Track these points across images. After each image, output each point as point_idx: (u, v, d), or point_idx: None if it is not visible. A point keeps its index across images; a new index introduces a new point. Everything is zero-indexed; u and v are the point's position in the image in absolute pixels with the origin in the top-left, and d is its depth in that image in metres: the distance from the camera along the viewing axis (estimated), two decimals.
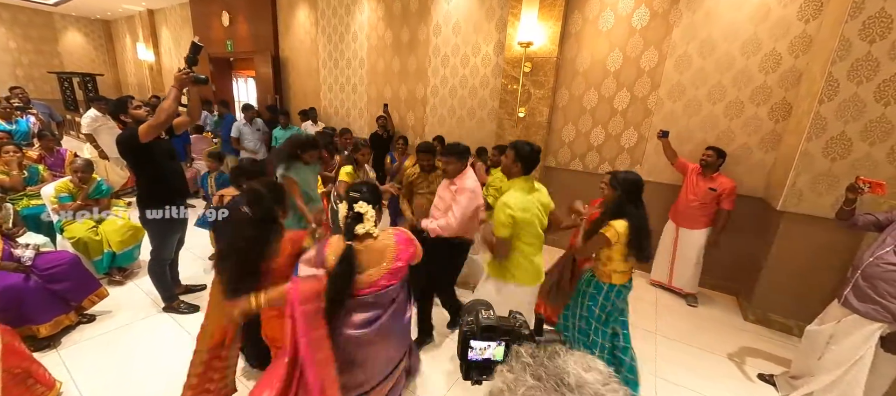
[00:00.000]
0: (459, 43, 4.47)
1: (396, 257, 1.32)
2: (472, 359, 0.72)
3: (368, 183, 1.43)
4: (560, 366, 0.44)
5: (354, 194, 1.34)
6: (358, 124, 5.79)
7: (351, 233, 1.30)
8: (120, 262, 3.05)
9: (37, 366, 1.88)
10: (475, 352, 0.72)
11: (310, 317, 1.19)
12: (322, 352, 1.19)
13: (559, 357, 0.45)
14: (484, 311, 0.77)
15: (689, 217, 3.09)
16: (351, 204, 1.33)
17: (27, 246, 2.40)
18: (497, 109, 4.22)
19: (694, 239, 3.11)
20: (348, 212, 1.33)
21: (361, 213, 1.31)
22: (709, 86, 3.17)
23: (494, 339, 0.72)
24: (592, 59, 3.65)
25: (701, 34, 3.13)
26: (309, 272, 1.26)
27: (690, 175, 3.09)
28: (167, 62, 9.42)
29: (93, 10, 9.75)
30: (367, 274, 1.28)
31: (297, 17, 6.16)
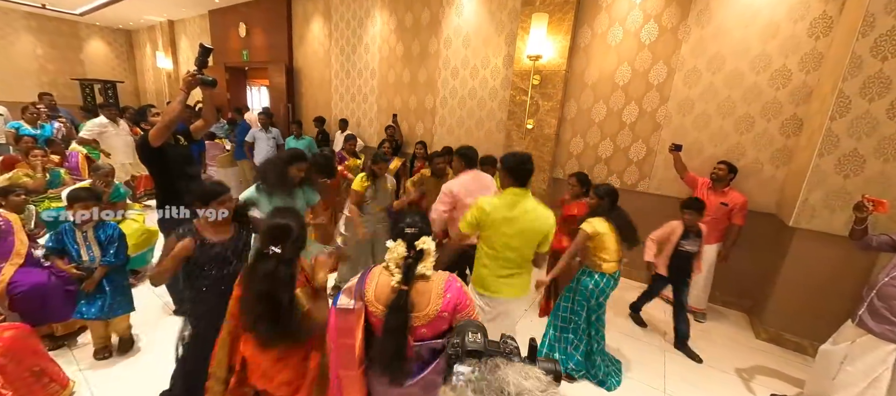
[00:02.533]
0: (469, 55, 4.54)
1: (443, 306, 1.15)
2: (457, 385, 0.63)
3: (417, 212, 1.27)
4: (500, 378, 0.46)
5: (412, 230, 1.16)
6: (368, 133, 5.88)
7: (409, 276, 1.12)
8: (133, 265, 3.11)
9: (53, 365, 1.93)
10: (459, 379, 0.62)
11: (344, 354, 1.12)
12: (353, 391, 1.13)
13: (499, 370, 0.48)
14: (471, 334, 0.71)
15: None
16: (410, 241, 1.15)
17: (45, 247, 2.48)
18: (505, 121, 4.26)
19: (705, 254, 3.02)
20: (409, 252, 1.14)
21: (424, 250, 1.15)
22: (718, 100, 3.17)
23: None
24: (601, 73, 3.68)
25: (710, 50, 3.15)
26: (347, 304, 1.15)
27: (700, 189, 3.07)
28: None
29: (116, 20, 10.13)
30: (413, 316, 1.13)
31: (311, 29, 6.34)
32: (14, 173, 3.26)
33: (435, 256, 1.18)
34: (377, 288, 1.17)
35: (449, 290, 1.16)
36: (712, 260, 3.06)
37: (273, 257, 1.25)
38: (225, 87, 8.12)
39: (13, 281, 2.21)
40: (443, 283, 1.17)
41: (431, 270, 1.17)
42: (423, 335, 1.15)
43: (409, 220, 1.20)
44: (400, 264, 1.15)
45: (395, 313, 1.09)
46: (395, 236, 1.19)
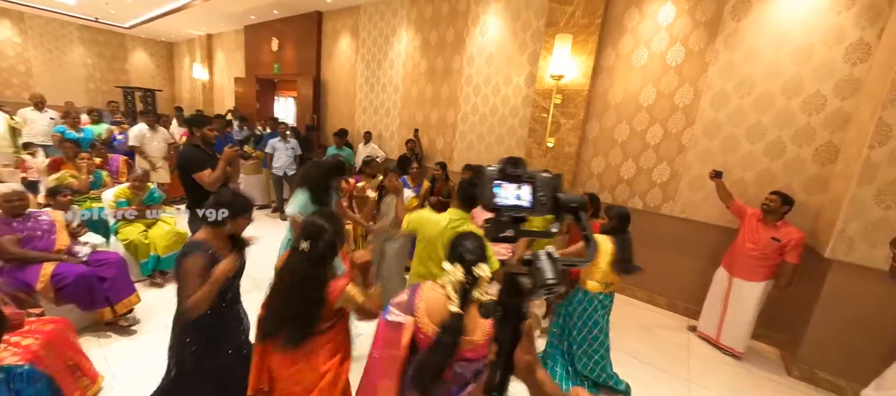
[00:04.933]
0: (491, 73, 4.61)
1: (489, 331, 1.16)
2: (501, 205, 0.57)
3: (472, 234, 1.26)
4: None
5: (471, 256, 1.17)
6: (389, 146, 6.00)
7: (466, 300, 1.13)
8: (163, 266, 3.25)
9: (85, 360, 2.02)
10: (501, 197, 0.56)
11: (387, 365, 1.13)
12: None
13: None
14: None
15: (746, 267, 2.84)
16: (468, 266, 1.16)
17: (85, 244, 2.63)
18: (526, 138, 4.27)
19: (750, 291, 2.83)
20: (466, 277, 1.14)
21: (480, 277, 1.15)
22: (747, 124, 3.10)
23: (520, 181, 0.59)
24: (625, 94, 3.66)
25: (739, 73, 3.10)
26: (397, 317, 1.17)
27: (749, 220, 2.85)
28: (219, 80, 10.22)
29: (160, 33, 10.84)
30: (462, 340, 1.13)
31: (339, 44, 6.59)
32: (61, 174, 3.49)
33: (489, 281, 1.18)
34: (429, 306, 1.17)
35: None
36: (758, 299, 2.82)
37: (301, 254, 1.29)
38: (255, 97, 8.50)
39: (58, 274, 2.33)
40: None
41: (486, 296, 1.17)
42: (467, 359, 1.16)
43: (469, 245, 1.21)
44: (456, 288, 1.15)
45: (449, 333, 1.09)
46: (452, 259, 1.21)
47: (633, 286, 3.78)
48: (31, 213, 2.43)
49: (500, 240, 0.58)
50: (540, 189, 0.59)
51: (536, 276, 0.55)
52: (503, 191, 0.58)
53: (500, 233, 0.58)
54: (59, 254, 2.44)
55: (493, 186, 0.57)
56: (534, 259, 0.56)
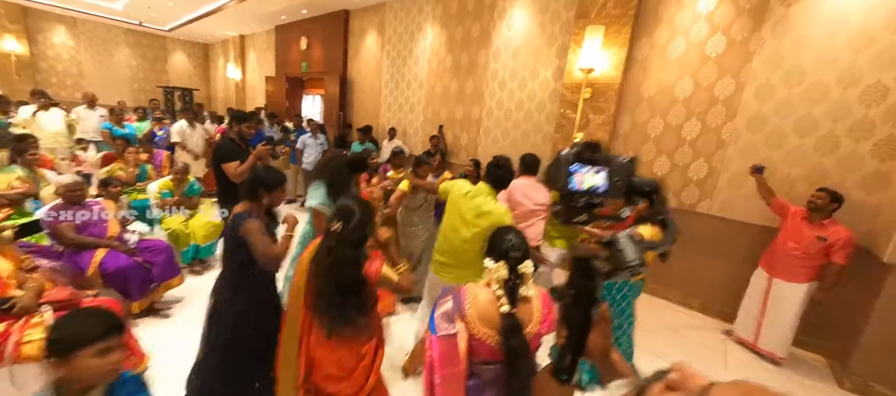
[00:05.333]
0: (518, 67, 4.54)
1: (542, 318, 1.14)
2: (574, 190, 0.57)
3: (515, 229, 1.22)
4: None
5: (517, 254, 1.13)
6: (412, 142, 6.04)
7: (515, 298, 1.10)
8: (202, 254, 3.43)
9: (133, 341, 2.16)
10: (576, 179, 0.56)
11: (453, 382, 1.07)
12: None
13: None
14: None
15: (788, 267, 2.69)
16: (513, 265, 1.12)
17: (133, 232, 2.81)
18: (552, 134, 4.19)
19: (791, 293, 2.67)
20: (510, 275, 1.12)
21: (525, 274, 1.13)
22: (796, 117, 2.90)
23: (596, 165, 0.58)
24: (659, 86, 3.51)
25: (788, 62, 2.90)
26: (448, 330, 1.12)
27: (792, 218, 2.69)
28: (251, 79, 10.63)
29: (197, 35, 11.39)
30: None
31: (365, 42, 6.69)
32: (111, 167, 3.74)
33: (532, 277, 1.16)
34: (480, 309, 1.12)
35: (545, 306, 1.15)
36: (800, 301, 2.66)
37: (333, 233, 1.33)
38: (284, 96, 8.78)
39: (102, 262, 2.50)
40: (541, 298, 1.17)
41: (532, 290, 1.16)
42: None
43: (513, 242, 1.15)
44: (501, 285, 1.12)
45: (513, 337, 1.06)
46: (497, 256, 1.16)
47: (665, 286, 3.63)
48: (87, 202, 2.61)
49: (573, 224, 0.59)
50: (616, 173, 0.58)
51: (618, 258, 0.55)
52: (578, 176, 0.58)
53: (573, 218, 0.58)
54: (110, 241, 2.61)
55: (568, 170, 0.57)
56: (613, 241, 0.56)
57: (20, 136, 3.38)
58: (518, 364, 1.06)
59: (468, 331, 1.11)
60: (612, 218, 0.49)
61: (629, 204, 0.51)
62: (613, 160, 0.58)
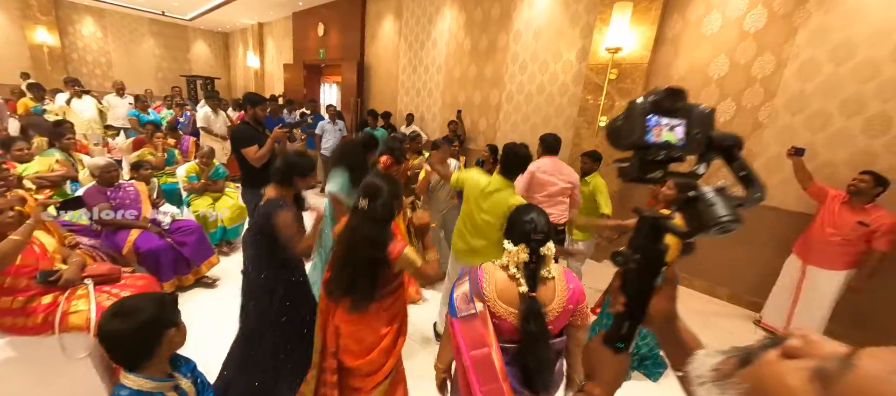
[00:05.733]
0: (539, 49, 4.41)
1: (568, 297, 1.10)
2: (651, 143, 0.51)
3: (537, 209, 1.18)
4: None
5: (538, 236, 1.08)
6: (431, 127, 6.00)
7: (535, 281, 1.07)
8: (229, 236, 3.52)
9: None
10: (653, 130, 0.50)
11: (482, 366, 1.03)
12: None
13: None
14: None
15: (825, 254, 2.57)
16: (535, 247, 1.08)
17: (166, 214, 2.90)
18: (575, 118, 4.07)
19: (827, 281, 2.56)
20: (531, 258, 1.08)
21: (546, 256, 1.09)
22: (843, 96, 2.71)
23: (675, 115, 0.51)
24: (691, 65, 3.34)
25: (835, 37, 2.70)
26: (468, 311, 1.09)
27: (831, 203, 2.56)
28: (269, 67, 10.74)
29: (216, 23, 11.55)
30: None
31: (382, 26, 6.63)
32: (141, 151, 3.86)
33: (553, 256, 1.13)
34: (499, 288, 1.10)
35: (570, 281, 1.13)
36: (837, 290, 2.55)
37: (360, 212, 1.32)
38: (302, 83, 8.85)
39: (136, 242, 2.60)
40: (563, 274, 1.14)
41: (554, 271, 1.13)
42: (549, 332, 1.10)
43: (535, 223, 1.10)
44: (520, 267, 1.09)
45: (533, 319, 1.03)
46: (517, 238, 1.12)
47: (692, 276, 3.53)
48: (121, 184, 2.71)
49: (644, 182, 0.53)
50: (695, 125, 0.53)
51: (706, 214, 0.49)
52: (656, 128, 0.51)
53: (647, 174, 0.53)
54: (144, 222, 2.70)
55: (645, 121, 0.50)
56: (698, 196, 0.50)
57: (57, 122, 3.53)
58: (535, 347, 1.04)
59: (489, 310, 1.08)
60: (688, 175, 0.44)
61: (703, 160, 0.46)
62: (694, 109, 0.52)
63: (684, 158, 0.53)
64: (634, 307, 0.58)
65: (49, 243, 1.79)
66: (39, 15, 9.23)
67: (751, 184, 0.53)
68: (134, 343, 0.93)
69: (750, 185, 0.53)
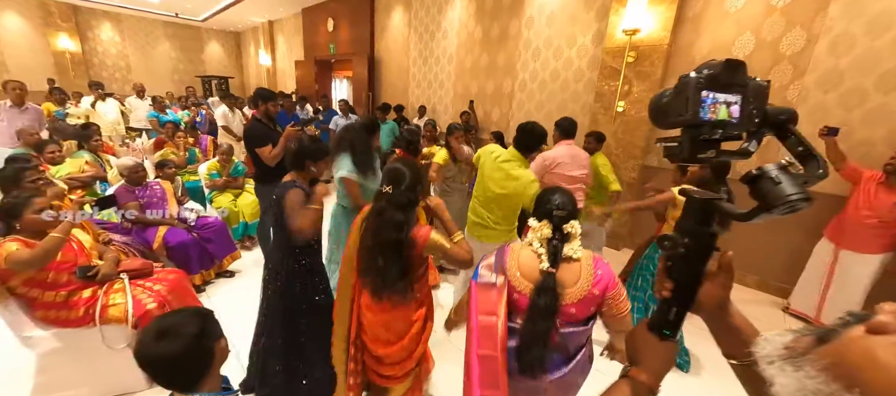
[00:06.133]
0: (553, 35, 4.31)
1: (594, 282, 1.10)
2: (705, 120, 0.47)
3: (562, 189, 1.20)
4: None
5: (560, 212, 1.11)
6: (443, 119, 5.97)
7: (556, 258, 1.08)
8: (250, 231, 3.60)
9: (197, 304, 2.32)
10: (708, 107, 0.47)
11: (486, 332, 1.07)
12: (490, 376, 1.06)
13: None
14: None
15: (860, 237, 2.48)
16: (558, 224, 1.11)
17: (191, 210, 2.98)
18: (592, 104, 3.98)
19: (862, 265, 2.48)
20: (554, 234, 1.11)
21: (570, 233, 1.11)
22: (880, 71, 2.56)
23: (732, 90, 0.48)
24: (714, 45, 3.22)
25: (871, 8, 2.55)
26: (489, 278, 1.13)
27: (866, 184, 2.47)
28: (281, 65, 10.85)
29: (228, 23, 11.71)
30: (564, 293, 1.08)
31: (392, 18, 6.59)
32: (164, 151, 3.96)
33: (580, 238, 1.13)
34: (521, 263, 1.13)
35: (599, 267, 1.12)
36: (872, 274, 2.46)
37: (384, 195, 1.33)
38: (313, 79, 8.91)
39: (165, 237, 2.69)
40: (592, 260, 1.13)
41: (580, 252, 1.12)
42: (572, 316, 1.09)
43: (558, 201, 1.13)
44: (544, 244, 1.11)
45: (544, 294, 1.05)
46: (540, 216, 1.15)
47: None
48: (148, 183, 2.80)
49: (697, 162, 0.50)
50: (752, 100, 0.49)
51: (773, 193, 0.46)
52: (712, 105, 0.48)
53: (698, 154, 0.50)
54: (171, 220, 2.79)
55: (700, 98, 0.47)
56: (762, 174, 0.48)
57: (85, 125, 3.65)
58: (536, 320, 1.05)
59: (509, 285, 1.12)
60: (738, 154, 0.42)
61: (754, 137, 0.43)
62: (750, 83, 0.48)
63: (741, 136, 0.50)
64: (683, 294, 0.56)
65: (86, 240, 1.87)
66: (60, 22, 9.52)
67: (810, 160, 0.49)
68: (189, 362, 0.89)
69: (809, 161, 0.49)
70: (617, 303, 1.11)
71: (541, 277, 1.08)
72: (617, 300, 1.11)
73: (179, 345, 0.87)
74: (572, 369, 1.13)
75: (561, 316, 1.08)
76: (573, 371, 1.13)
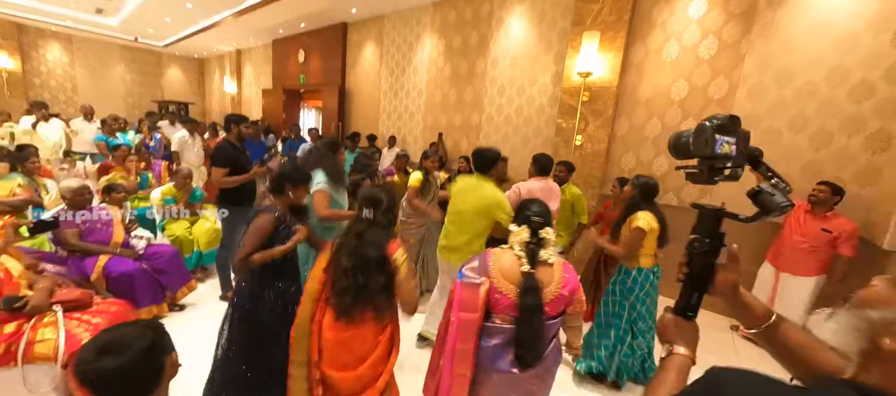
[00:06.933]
0: (516, 75, 4.65)
1: (564, 283, 1.26)
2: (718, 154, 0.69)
3: (538, 200, 1.37)
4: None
5: (537, 219, 1.28)
6: (412, 149, 6.08)
7: (535, 260, 1.24)
8: (205, 261, 3.38)
9: None
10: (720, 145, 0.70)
11: (466, 327, 1.19)
12: (462, 366, 1.20)
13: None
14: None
15: (795, 261, 2.75)
16: (535, 229, 1.27)
17: (140, 238, 2.77)
18: (552, 137, 4.26)
19: (800, 286, 2.73)
20: (531, 238, 1.26)
21: (545, 239, 1.26)
22: (789, 115, 3.01)
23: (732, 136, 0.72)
24: (655, 89, 3.62)
25: (777, 63, 3.02)
26: (473, 279, 1.26)
27: (795, 212, 2.77)
28: (247, 93, 10.66)
29: (193, 50, 11.44)
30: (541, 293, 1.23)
31: (363, 53, 6.80)
32: (111, 175, 3.70)
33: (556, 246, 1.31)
34: (502, 267, 1.25)
35: (567, 271, 1.28)
36: (809, 295, 2.71)
37: (365, 220, 1.40)
38: (282, 108, 8.82)
39: (107, 267, 2.47)
40: (562, 265, 1.29)
41: (554, 257, 1.27)
42: (546, 313, 1.23)
43: (535, 209, 1.30)
44: (523, 247, 1.25)
45: (530, 294, 1.18)
46: (519, 221, 1.30)
47: (669, 285, 3.66)
48: (93, 207, 2.59)
49: (713, 183, 0.73)
50: (741, 142, 0.73)
51: (770, 202, 0.70)
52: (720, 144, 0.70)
53: (715, 178, 0.73)
54: (115, 247, 2.57)
55: (715, 138, 0.70)
56: (761, 190, 0.72)
57: (20, 146, 3.35)
58: (531, 319, 1.17)
59: (491, 285, 1.24)
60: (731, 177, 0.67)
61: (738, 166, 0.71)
62: (740, 131, 0.72)
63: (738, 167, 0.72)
64: (702, 282, 0.74)
65: (14, 268, 1.68)
66: (0, 40, 8.87)
67: (771, 179, 0.73)
68: (138, 379, 0.83)
69: (770, 180, 0.72)
70: (580, 303, 1.29)
71: (523, 278, 1.21)
72: (580, 299, 1.29)
73: (124, 360, 0.80)
74: (549, 358, 1.27)
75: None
76: (550, 359, 1.27)
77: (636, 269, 2.24)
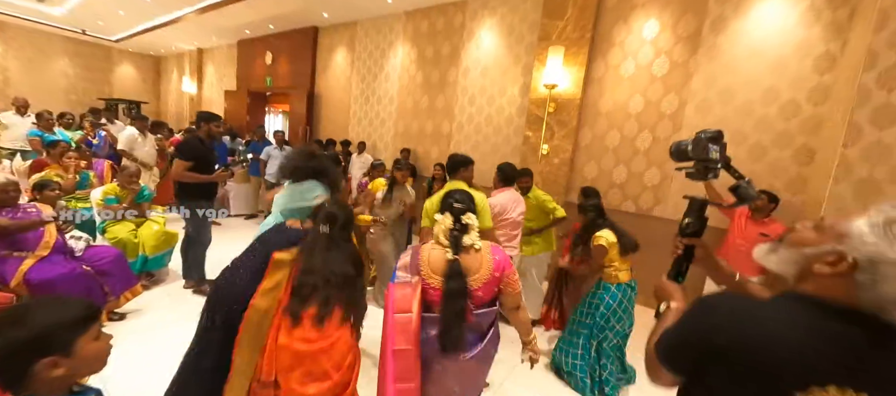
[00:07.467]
0: (487, 84, 4.78)
1: (494, 267, 1.29)
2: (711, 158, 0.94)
3: (462, 190, 1.42)
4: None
5: (459, 205, 1.32)
6: (383, 155, 6.03)
7: (458, 246, 1.27)
8: (151, 266, 3.12)
9: None
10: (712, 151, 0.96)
11: (402, 327, 1.18)
12: (404, 370, 1.18)
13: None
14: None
15: (738, 262, 2.90)
16: (457, 216, 1.30)
17: (79, 239, 2.52)
18: (520, 146, 4.39)
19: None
20: (455, 224, 1.30)
21: (468, 224, 1.30)
22: (731, 130, 3.28)
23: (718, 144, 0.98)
24: (614, 102, 3.85)
25: (720, 83, 3.32)
26: (404, 278, 1.28)
27: (738, 218, 3.02)
28: (208, 94, 10.14)
29: (148, 46, 10.77)
30: (470, 280, 1.25)
31: (335, 57, 6.71)
32: (47, 172, 3.36)
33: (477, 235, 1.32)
34: (431, 261, 1.29)
35: (496, 253, 1.32)
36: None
37: (323, 235, 1.40)
38: (245, 111, 8.46)
39: (27, 273, 2.20)
40: (490, 248, 1.34)
41: (480, 243, 1.29)
42: (480, 298, 1.24)
43: (457, 197, 1.35)
44: (447, 235, 1.28)
45: (454, 279, 1.20)
46: (443, 209, 1.34)
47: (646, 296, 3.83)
48: (21, 205, 2.33)
49: (706, 179, 0.98)
50: (722, 150, 0.97)
51: (747, 194, 0.96)
52: (713, 150, 0.95)
53: (708, 175, 0.97)
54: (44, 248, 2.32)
55: (708, 146, 0.95)
56: (739, 186, 0.96)
57: None
58: (453, 302, 1.20)
59: (423, 282, 1.26)
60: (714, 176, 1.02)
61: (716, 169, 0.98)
62: (722, 141, 0.97)
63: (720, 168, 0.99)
64: (690, 253, 0.98)
65: None
66: None
67: (741, 179, 0.99)
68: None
69: (741, 179, 0.99)
70: (512, 281, 1.31)
71: (447, 266, 1.23)
72: (511, 278, 1.32)
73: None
74: (487, 343, 1.29)
75: (473, 300, 1.23)
76: (489, 343, 1.30)
77: (615, 285, 2.34)
